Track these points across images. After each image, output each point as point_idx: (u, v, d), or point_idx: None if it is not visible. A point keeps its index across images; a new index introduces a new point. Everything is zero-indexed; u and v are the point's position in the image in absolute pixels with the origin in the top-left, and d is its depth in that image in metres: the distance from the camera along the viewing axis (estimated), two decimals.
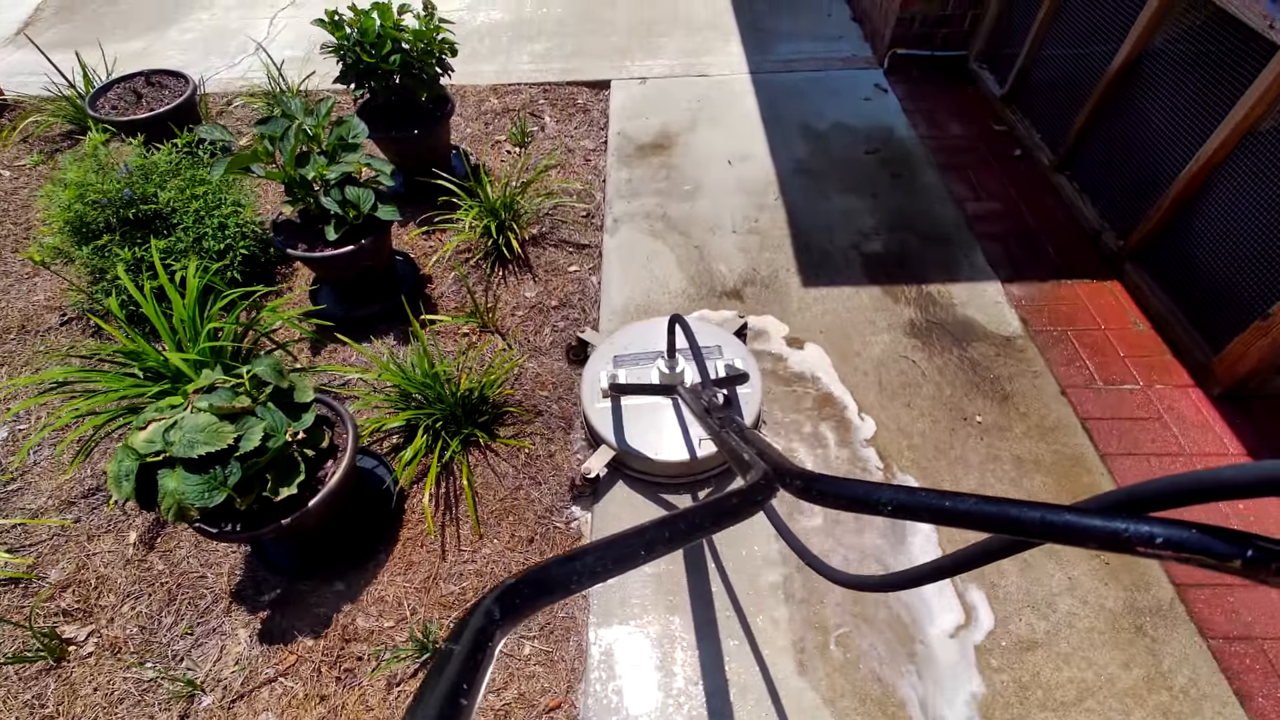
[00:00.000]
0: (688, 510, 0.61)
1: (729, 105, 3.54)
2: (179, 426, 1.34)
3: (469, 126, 3.47)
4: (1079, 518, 0.42)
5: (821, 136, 3.31)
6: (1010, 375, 2.21)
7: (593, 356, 2.13)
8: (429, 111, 2.75)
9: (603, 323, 2.45)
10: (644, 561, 0.54)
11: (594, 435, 2.01)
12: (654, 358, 2.06)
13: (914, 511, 0.55)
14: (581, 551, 0.52)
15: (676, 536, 0.57)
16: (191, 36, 4.33)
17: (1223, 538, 0.36)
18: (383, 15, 2.45)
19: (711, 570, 1.80)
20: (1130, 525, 0.39)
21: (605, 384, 1.96)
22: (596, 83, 3.78)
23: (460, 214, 2.66)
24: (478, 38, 4.21)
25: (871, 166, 3.10)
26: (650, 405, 1.99)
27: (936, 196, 2.92)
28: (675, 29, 4.23)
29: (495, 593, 0.46)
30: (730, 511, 0.64)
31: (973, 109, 3.41)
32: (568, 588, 0.49)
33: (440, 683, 0.38)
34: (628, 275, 2.62)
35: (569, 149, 3.32)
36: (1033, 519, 0.45)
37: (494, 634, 0.43)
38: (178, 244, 2.34)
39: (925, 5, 3.47)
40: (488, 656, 0.41)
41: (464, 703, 0.37)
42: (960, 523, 0.51)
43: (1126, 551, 0.39)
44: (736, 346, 2.10)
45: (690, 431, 1.92)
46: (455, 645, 0.41)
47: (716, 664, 1.64)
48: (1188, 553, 0.37)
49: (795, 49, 3.97)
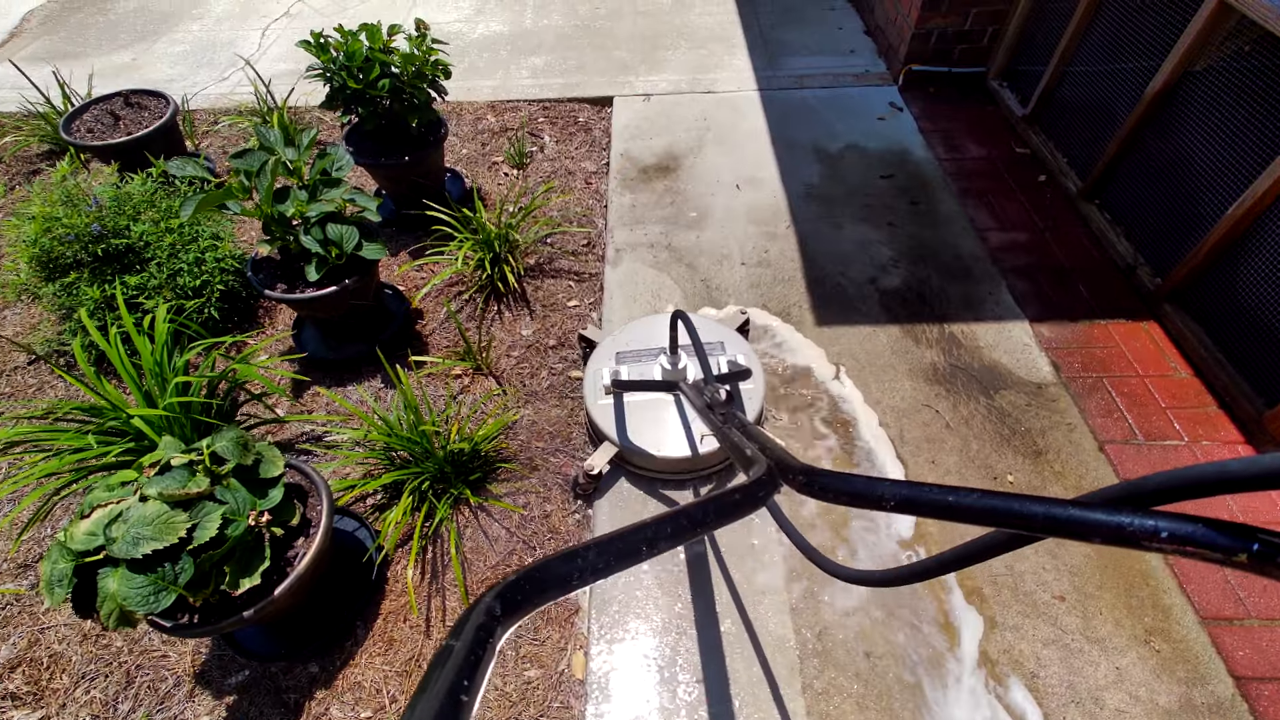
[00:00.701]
0: (690, 505, 0.60)
1: (736, 124, 3.39)
2: (124, 519, 1.19)
3: (465, 147, 3.32)
4: (1083, 512, 0.42)
5: (834, 159, 3.15)
6: (1043, 428, 2.05)
7: (595, 353, 2.12)
8: (421, 136, 2.60)
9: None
10: (646, 558, 0.54)
11: (596, 432, 2.00)
12: (656, 354, 2.06)
13: (917, 506, 0.55)
14: (583, 547, 0.51)
15: (679, 532, 0.57)
16: (181, 49, 4.20)
17: (1228, 532, 0.36)
18: (371, 38, 2.31)
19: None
20: (1135, 519, 0.39)
21: (608, 380, 1.94)
22: (598, 99, 3.63)
23: (453, 247, 2.51)
24: (476, 51, 4.06)
25: (887, 192, 2.94)
26: (653, 402, 1.98)
27: (957, 226, 2.76)
28: (680, 42, 4.08)
29: (496, 589, 0.45)
30: (733, 507, 0.63)
31: (993, 130, 3.25)
32: (569, 584, 0.49)
33: (440, 680, 0.37)
34: (631, 313, 2.46)
35: (569, 171, 3.17)
36: (1036, 513, 0.44)
37: (495, 631, 0.43)
38: (151, 280, 2.20)
39: (943, 20, 3.32)
40: (489, 653, 0.41)
41: (464, 699, 0.37)
42: (964, 518, 0.50)
43: (1131, 545, 0.39)
44: (739, 343, 2.10)
45: (692, 428, 1.92)
46: (456, 642, 0.40)
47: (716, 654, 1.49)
48: (1192, 547, 0.37)
49: (806, 64, 3.82)
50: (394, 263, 2.73)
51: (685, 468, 1.93)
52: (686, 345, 1.97)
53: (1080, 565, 1.75)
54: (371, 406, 2.08)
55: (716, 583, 1.76)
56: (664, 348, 2.00)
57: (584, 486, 1.93)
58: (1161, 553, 0.39)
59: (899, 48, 3.56)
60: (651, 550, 0.54)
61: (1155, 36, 2.33)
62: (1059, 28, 2.87)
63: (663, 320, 2.13)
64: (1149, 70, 2.36)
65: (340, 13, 4.51)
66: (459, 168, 3.20)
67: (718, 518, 0.61)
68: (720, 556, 1.82)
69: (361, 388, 2.27)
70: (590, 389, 2.02)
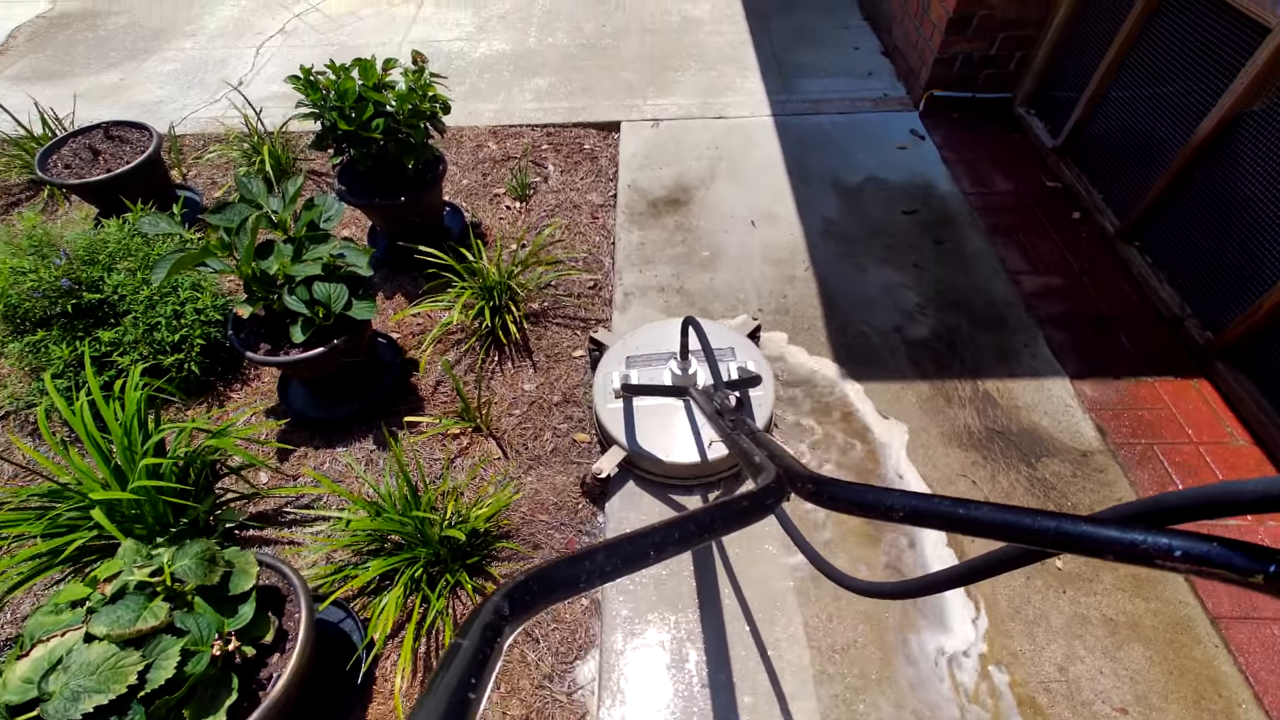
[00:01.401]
0: (698, 511, 0.60)
1: (750, 153, 3.23)
2: (64, 667, 1.03)
3: (465, 177, 3.17)
4: (1096, 528, 0.41)
5: (854, 192, 2.99)
6: (1091, 504, 1.88)
7: (605, 356, 2.13)
8: (418, 175, 2.44)
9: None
10: (653, 562, 0.54)
11: (605, 436, 1.99)
12: (667, 359, 2.06)
13: (926, 518, 0.54)
14: (591, 551, 0.51)
15: (686, 538, 0.57)
16: (171, 68, 4.05)
17: (1244, 552, 0.35)
18: (365, 74, 2.15)
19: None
20: (1148, 537, 0.38)
21: (618, 384, 1.92)
22: (605, 125, 3.47)
23: (451, 295, 2.35)
24: (477, 72, 3.91)
25: (911, 230, 2.77)
26: (662, 406, 1.99)
27: (987, 268, 2.59)
28: (689, 63, 3.92)
29: (504, 589, 0.45)
30: (741, 514, 0.63)
31: (1021, 161, 3.09)
32: (576, 586, 0.49)
33: (448, 678, 0.37)
34: None
35: (574, 204, 3.01)
36: (1048, 528, 0.44)
37: (503, 630, 0.43)
38: (126, 335, 2.04)
39: (968, 45, 3.15)
40: (496, 652, 0.41)
41: (472, 697, 0.37)
42: (974, 531, 0.50)
43: (1144, 564, 0.39)
44: (749, 349, 2.10)
45: (701, 433, 1.91)
46: (464, 641, 0.40)
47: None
48: (1208, 567, 0.36)
49: (822, 87, 3.65)
50: (390, 306, 2.58)
51: (694, 473, 1.92)
52: (697, 351, 1.98)
53: (1142, 669, 1.58)
54: (361, 476, 1.92)
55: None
56: (674, 353, 2.00)
57: (592, 489, 1.92)
58: (1175, 571, 0.38)
59: (920, 71, 3.40)
60: (659, 555, 0.54)
61: (1206, 70, 2.16)
62: (1095, 55, 2.71)
63: (674, 325, 2.13)
64: (1198, 106, 2.19)
65: (337, 29, 4.37)
66: (459, 200, 3.04)
67: (726, 524, 0.61)
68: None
69: (352, 451, 2.11)
70: (600, 392, 2.02)
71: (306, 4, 4.67)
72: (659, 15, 4.39)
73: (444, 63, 3.99)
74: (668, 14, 4.41)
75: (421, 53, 2.32)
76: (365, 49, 4.14)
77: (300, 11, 4.58)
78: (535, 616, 0.48)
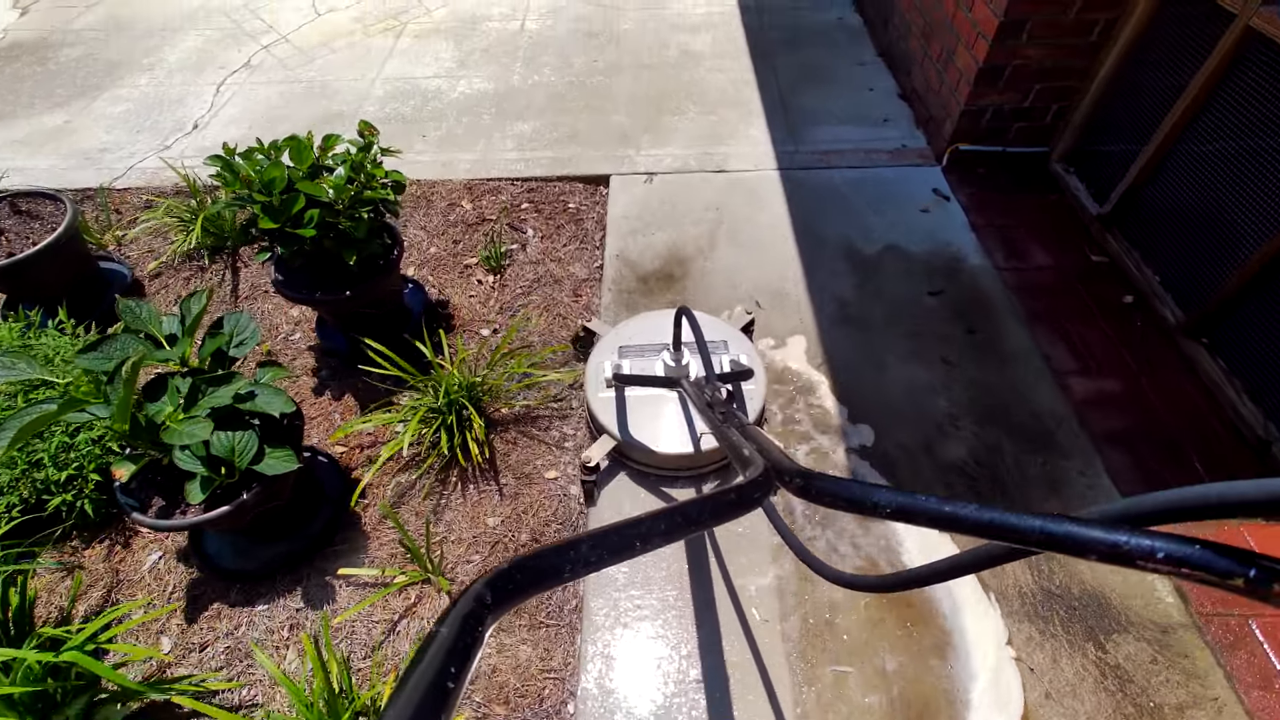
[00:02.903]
0: (685, 503, 0.60)
1: (754, 215, 2.88)
2: None
3: (433, 244, 2.82)
4: (1080, 528, 0.42)
5: (871, 265, 2.64)
6: (1179, 704, 1.52)
7: (598, 345, 2.12)
8: (369, 261, 2.09)
9: (590, 583, 1.78)
10: (640, 553, 0.54)
11: (596, 425, 1.99)
12: (659, 349, 2.05)
13: (912, 515, 0.55)
14: (576, 541, 0.51)
15: (673, 529, 0.57)
16: (123, 108, 3.71)
17: (1226, 555, 0.35)
18: (298, 157, 1.80)
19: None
20: (1131, 538, 0.39)
21: (609, 374, 1.96)
22: (592, 178, 3.13)
23: (405, 408, 1.99)
24: (455, 115, 3.57)
25: (938, 314, 2.42)
26: (654, 397, 1.98)
27: (1030, 367, 2.23)
28: (688, 105, 3.58)
29: (488, 578, 0.45)
30: (728, 506, 0.64)
31: (1060, 228, 2.73)
32: (561, 575, 0.49)
33: (427, 667, 0.37)
34: (623, 495, 1.95)
35: (554, 278, 2.66)
36: (1032, 528, 0.45)
37: (485, 619, 0.42)
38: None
39: (999, 98, 2.81)
40: (477, 642, 0.40)
41: (451, 686, 0.36)
42: (959, 529, 0.51)
43: (1126, 565, 0.39)
44: (742, 342, 2.10)
45: (694, 425, 1.91)
46: (444, 629, 0.40)
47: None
48: (1189, 569, 0.36)
49: (833, 135, 3.31)
50: (338, 409, 2.23)
51: (685, 464, 1.93)
52: (690, 343, 1.95)
53: None
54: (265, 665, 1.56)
55: None
56: (667, 344, 1.97)
57: (582, 479, 1.87)
58: (1157, 573, 0.38)
59: (943, 122, 3.05)
60: (645, 546, 0.54)
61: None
62: (1153, 113, 2.36)
63: (667, 316, 2.11)
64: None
65: (306, 64, 4.03)
66: (424, 272, 2.69)
67: (713, 516, 0.62)
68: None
69: (275, 611, 1.75)
70: (591, 381, 2.02)
71: (275, 34, 4.34)
72: (656, 49, 4.05)
73: (419, 103, 3.65)
74: (665, 48, 4.06)
75: (370, 124, 1.97)
76: (335, 87, 3.80)
77: (268, 43, 4.25)
78: (517, 606, 0.49)
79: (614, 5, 4.52)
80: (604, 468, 1.93)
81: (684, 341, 1.90)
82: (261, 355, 2.40)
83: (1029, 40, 2.59)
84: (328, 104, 3.67)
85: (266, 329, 2.49)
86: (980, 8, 2.65)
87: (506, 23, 4.37)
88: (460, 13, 4.49)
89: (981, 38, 2.65)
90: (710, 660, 1.62)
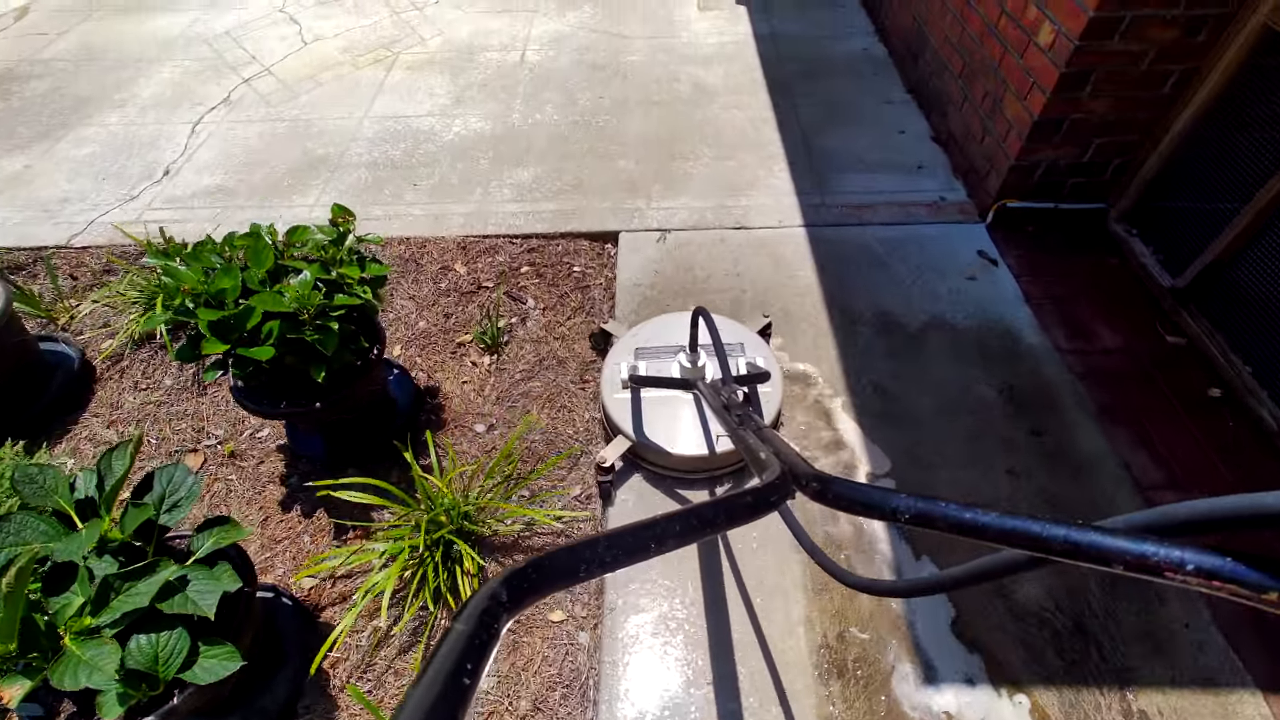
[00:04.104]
0: (701, 505, 0.60)
1: (781, 283, 2.58)
2: None
3: (422, 318, 2.52)
4: (1105, 538, 0.41)
5: (914, 343, 2.34)
6: None
7: (614, 347, 2.13)
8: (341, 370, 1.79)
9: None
10: (654, 554, 0.53)
11: (611, 426, 1.98)
12: (675, 351, 2.05)
13: (932, 521, 0.53)
14: (592, 541, 0.51)
15: (688, 531, 0.56)
16: (89, 151, 3.42)
17: (1259, 568, 0.34)
18: (255, 258, 1.50)
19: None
20: (1160, 549, 0.38)
21: (625, 375, 1.96)
22: (599, 235, 2.84)
23: (384, 543, 1.69)
24: (449, 160, 3.27)
25: (995, 408, 2.12)
26: (669, 399, 1.98)
27: (1108, 478, 1.93)
28: (702, 148, 3.29)
29: (504, 576, 0.45)
30: (744, 509, 0.63)
31: (1127, 301, 2.44)
32: (576, 575, 0.49)
33: (443, 663, 0.37)
34: (644, 648, 1.64)
35: (558, 359, 2.36)
36: (1056, 536, 0.44)
37: (500, 616, 0.43)
38: None
39: (1054, 152, 2.51)
40: (493, 639, 0.41)
41: (467, 683, 0.37)
42: (981, 536, 0.50)
43: (1153, 576, 0.38)
44: (759, 345, 2.11)
45: (710, 427, 1.90)
46: (461, 626, 0.40)
47: None
48: (1219, 581, 0.36)
49: (864, 185, 3.01)
50: (307, 530, 1.93)
51: (700, 466, 1.92)
52: (706, 345, 1.95)
53: None
54: None
55: None
56: (683, 346, 1.98)
57: (598, 480, 1.87)
58: (1185, 586, 0.37)
59: (986, 174, 2.75)
60: (660, 548, 0.54)
61: None
62: (1247, 177, 2.06)
63: (683, 318, 2.10)
64: None
65: (290, 100, 3.74)
66: (413, 352, 2.39)
67: (729, 519, 0.61)
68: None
69: None
70: (607, 382, 2.02)
71: (258, 65, 4.05)
72: (666, 83, 3.76)
73: (410, 145, 3.36)
74: (676, 81, 3.78)
75: (347, 209, 1.68)
76: (320, 126, 3.51)
77: (250, 75, 3.96)
78: (534, 604, 0.49)
79: (620, 34, 4.23)
80: (619, 469, 1.94)
81: (701, 344, 1.90)
82: (224, 455, 2.10)
83: (1093, 92, 2.30)
84: (311, 146, 3.38)
85: (230, 423, 2.19)
86: (1035, 55, 2.36)
87: (506, 53, 4.08)
88: (456, 42, 4.21)
89: (1037, 88, 2.36)
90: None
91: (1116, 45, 2.16)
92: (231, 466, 2.06)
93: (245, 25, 4.49)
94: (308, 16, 4.55)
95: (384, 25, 4.43)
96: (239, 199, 3.07)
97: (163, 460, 2.10)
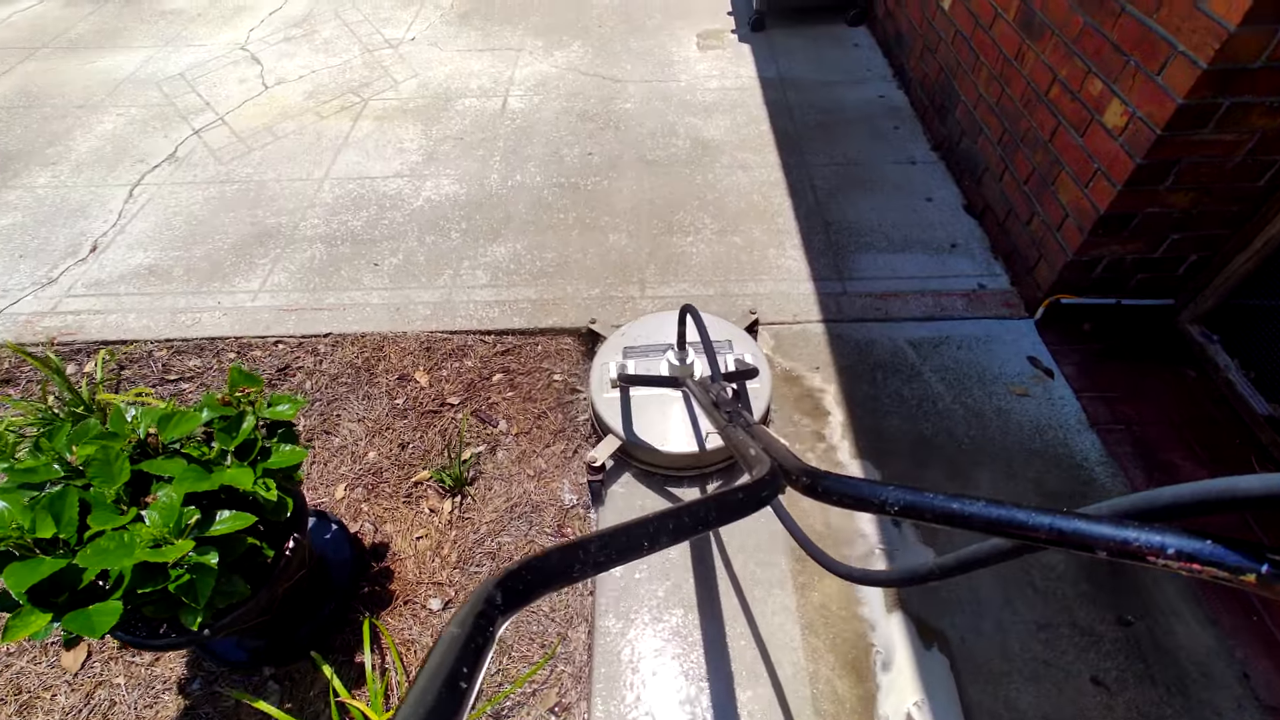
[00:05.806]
0: (692, 503, 0.60)
1: (799, 399, 2.18)
2: None
3: (372, 447, 2.11)
4: (1088, 524, 0.42)
5: (959, 484, 1.94)
6: None
7: (602, 347, 2.15)
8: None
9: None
10: (647, 553, 0.54)
11: (601, 425, 1.97)
12: (664, 349, 2.07)
13: (920, 512, 0.55)
14: (585, 541, 0.51)
15: (681, 529, 0.57)
16: (9, 221, 3.02)
17: (1238, 550, 0.35)
18: (106, 472, 1.10)
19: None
20: (1141, 534, 0.39)
21: (614, 374, 1.94)
22: (586, 333, 2.44)
23: None
24: (417, 232, 2.88)
25: (1071, 587, 1.72)
26: (659, 396, 1.97)
27: (1222, 692, 1.53)
28: (703, 218, 2.90)
29: (498, 578, 0.45)
30: (735, 506, 0.64)
31: (1214, 429, 2.04)
32: (570, 576, 0.49)
33: (440, 667, 0.37)
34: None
35: (534, 503, 1.96)
36: (1041, 524, 0.44)
37: (496, 619, 0.42)
38: None
39: (1120, 248, 2.13)
40: (488, 642, 0.40)
41: (464, 686, 0.36)
42: (967, 525, 0.50)
43: (1136, 560, 0.39)
44: (747, 341, 2.12)
45: (699, 424, 1.89)
46: (457, 629, 0.40)
47: None
48: (1199, 564, 0.36)
49: (889, 268, 2.62)
50: None
51: (691, 463, 1.90)
52: (695, 343, 1.96)
53: None
54: None
55: None
56: (671, 344, 2.00)
57: (589, 479, 1.85)
58: (1168, 570, 0.37)
59: (1034, 262, 2.37)
60: (653, 546, 0.54)
61: None
62: None
63: (671, 316, 2.09)
64: None
65: (243, 155, 3.35)
66: (357, 494, 1.99)
67: (720, 516, 0.61)
68: None
69: None
70: (596, 381, 2.01)
71: (212, 114, 3.66)
72: (663, 137, 3.38)
73: (374, 214, 2.97)
74: (674, 135, 3.39)
75: (251, 376, 1.28)
76: (274, 190, 3.11)
77: (202, 126, 3.57)
78: (528, 606, 0.48)
79: (613, 77, 3.85)
80: (609, 468, 1.94)
81: (689, 341, 1.91)
82: (112, 649, 1.69)
83: (1174, 185, 1.92)
84: (262, 215, 2.99)
85: None
86: (1100, 138, 1.98)
87: (485, 100, 3.70)
88: (433, 86, 3.82)
89: (1104, 177, 1.98)
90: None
91: (1209, 134, 1.77)
92: (119, 665, 1.65)
93: (203, 65, 4.10)
94: (271, 55, 4.16)
95: (354, 66, 4.04)
96: (173, 283, 2.67)
97: (35, 654, 1.69)
